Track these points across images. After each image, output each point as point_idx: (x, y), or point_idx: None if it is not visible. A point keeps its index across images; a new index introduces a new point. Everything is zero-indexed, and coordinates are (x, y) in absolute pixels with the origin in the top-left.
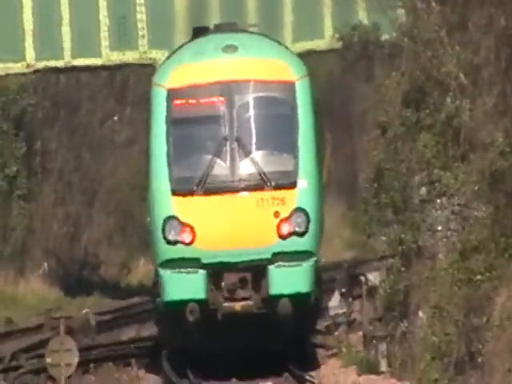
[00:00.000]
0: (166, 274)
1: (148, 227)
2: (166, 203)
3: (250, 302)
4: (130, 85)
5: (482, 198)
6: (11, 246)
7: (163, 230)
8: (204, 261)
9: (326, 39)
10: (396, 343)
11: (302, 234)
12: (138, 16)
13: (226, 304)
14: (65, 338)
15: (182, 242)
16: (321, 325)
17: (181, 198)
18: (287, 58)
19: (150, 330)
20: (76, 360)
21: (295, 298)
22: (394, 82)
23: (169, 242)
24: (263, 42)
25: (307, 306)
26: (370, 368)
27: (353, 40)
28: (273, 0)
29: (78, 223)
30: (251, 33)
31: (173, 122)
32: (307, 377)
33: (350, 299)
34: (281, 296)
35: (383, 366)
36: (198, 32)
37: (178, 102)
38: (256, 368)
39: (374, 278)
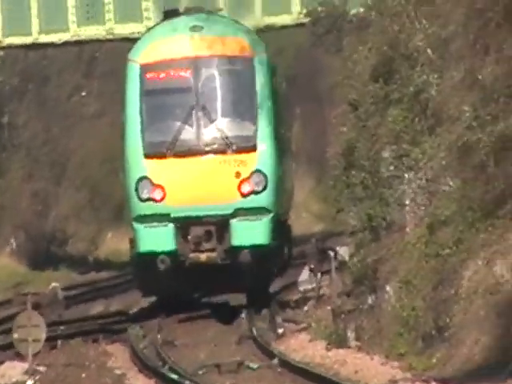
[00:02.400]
0: (139, 228)
1: (123, 187)
2: (139, 165)
3: (214, 253)
4: (97, 59)
5: (449, 171)
6: None
7: (137, 189)
8: (173, 216)
9: (293, 14)
10: (364, 317)
11: (260, 193)
12: None
13: (192, 255)
14: (32, 313)
15: (154, 200)
16: (290, 300)
17: (152, 161)
18: (247, 36)
19: (117, 304)
20: (44, 336)
21: (254, 248)
22: (361, 56)
23: (142, 200)
24: (226, 22)
25: (266, 256)
26: (339, 342)
27: (320, 15)
28: None
29: (46, 198)
30: (216, 14)
31: (145, 93)
32: (275, 352)
33: (320, 274)
34: (242, 247)
35: (352, 340)
36: (169, 14)
37: (149, 75)
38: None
39: (343, 252)
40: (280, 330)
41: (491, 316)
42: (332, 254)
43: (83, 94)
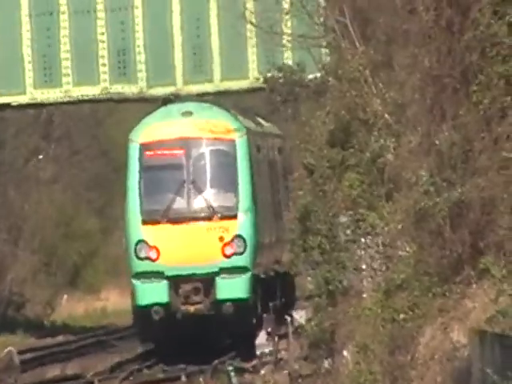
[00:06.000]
0: (137, 283)
1: (124, 247)
2: (137, 229)
3: (201, 306)
4: (54, 121)
5: (406, 236)
6: None
7: (135, 250)
8: (166, 273)
9: (250, 79)
10: (322, 381)
11: (241, 254)
12: (62, 54)
13: (182, 307)
14: None
15: (150, 259)
16: (247, 364)
17: (149, 226)
18: (230, 121)
19: (74, 368)
20: None
21: (236, 301)
22: (319, 121)
23: (139, 259)
24: (212, 109)
25: (246, 309)
26: None
27: (278, 82)
28: (201, 42)
29: (2, 261)
30: (204, 103)
31: (144, 168)
32: None
33: (277, 338)
34: (225, 300)
35: None
36: (165, 101)
37: (147, 153)
38: None
39: (300, 317)
40: None
41: (448, 382)
42: (288, 318)
43: (40, 157)
